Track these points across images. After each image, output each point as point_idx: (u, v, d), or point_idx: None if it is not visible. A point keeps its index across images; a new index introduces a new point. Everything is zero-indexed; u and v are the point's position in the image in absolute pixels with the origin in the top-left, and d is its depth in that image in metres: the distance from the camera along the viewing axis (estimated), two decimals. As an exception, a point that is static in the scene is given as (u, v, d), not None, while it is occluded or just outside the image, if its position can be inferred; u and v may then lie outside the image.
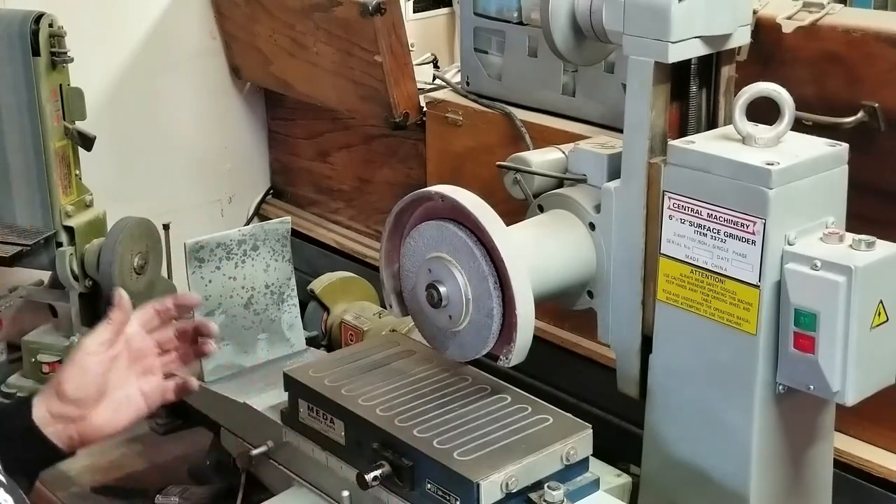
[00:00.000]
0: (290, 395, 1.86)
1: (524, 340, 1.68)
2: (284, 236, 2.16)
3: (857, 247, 1.55)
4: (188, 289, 2.08)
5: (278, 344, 2.17)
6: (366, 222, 2.95)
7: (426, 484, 1.61)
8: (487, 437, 1.64)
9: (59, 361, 2.57)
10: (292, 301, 2.18)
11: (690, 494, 1.75)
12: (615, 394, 1.87)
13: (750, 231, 1.58)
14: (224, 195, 3.17)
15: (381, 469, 1.64)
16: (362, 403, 1.74)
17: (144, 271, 2.64)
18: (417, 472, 1.62)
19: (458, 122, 2.41)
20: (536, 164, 1.90)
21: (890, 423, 1.89)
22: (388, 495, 1.67)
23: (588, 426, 1.68)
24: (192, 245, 2.07)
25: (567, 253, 1.83)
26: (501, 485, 1.56)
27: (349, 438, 1.74)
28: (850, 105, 1.81)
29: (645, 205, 1.74)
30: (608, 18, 1.73)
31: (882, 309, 1.56)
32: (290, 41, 2.81)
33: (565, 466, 1.63)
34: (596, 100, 2.17)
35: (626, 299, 1.81)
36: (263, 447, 1.93)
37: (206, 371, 2.08)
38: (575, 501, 1.61)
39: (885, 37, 1.78)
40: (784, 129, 1.63)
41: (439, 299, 1.72)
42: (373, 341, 2.11)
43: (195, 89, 3.04)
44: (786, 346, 1.59)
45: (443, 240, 1.72)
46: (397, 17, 2.53)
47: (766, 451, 1.67)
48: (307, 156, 3.10)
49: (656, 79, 1.69)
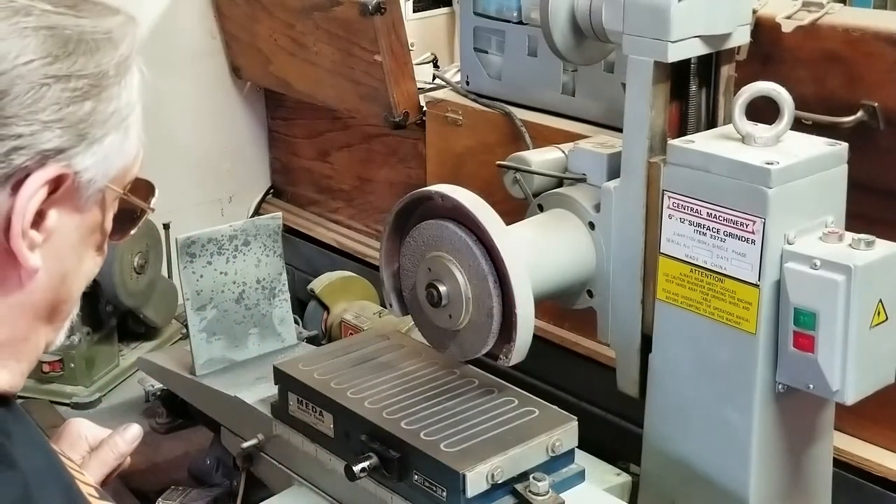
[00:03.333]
0: (280, 388, 1.87)
1: (524, 340, 1.68)
2: (276, 232, 2.17)
3: (857, 246, 1.55)
4: (179, 284, 2.08)
5: (269, 338, 2.18)
6: (366, 222, 2.95)
7: (413, 475, 1.62)
8: (474, 429, 1.66)
9: (59, 361, 2.58)
10: (283, 296, 2.19)
11: (690, 493, 1.75)
12: (615, 393, 1.87)
13: (749, 230, 1.58)
14: (224, 195, 3.18)
15: (368, 461, 1.65)
16: (351, 396, 1.76)
17: (144, 271, 2.64)
18: (405, 464, 1.63)
19: (458, 122, 2.41)
20: (536, 164, 1.90)
21: (889, 422, 1.89)
22: (376, 487, 1.69)
23: (573, 418, 1.69)
24: (183, 240, 2.07)
25: (567, 252, 1.83)
26: (487, 476, 1.57)
27: (338, 431, 1.76)
28: (850, 104, 1.81)
29: (645, 204, 1.74)
30: (608, 18, 1.73)
31: (881, 308, 1.56)
32: (290, 41, 2.81)
33: (551, 458, 1.65)
34: (596, 99, 2.17)
35: (626, 298, 1.81)
36: (254, 440, 1.94)
37: (197, 365, 2.09)
38: (560, 492, 1.62)
39: (884, 36, 1.78)
40: (784, 128, 1.63)
41: (439, 298, 1.72)
42: (362, 336, 2.12)
43: (195, 89, 3.04)
44: (785, 346, 1.59)
45: (443, 239, 1.72)
46: (397, 17, 2.53)
47: (765, 450, 1.67)
48: (307, 155, 3.10)
49: (656, 78, 1.69)
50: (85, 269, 1.12)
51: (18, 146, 0.99)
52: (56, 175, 1.01)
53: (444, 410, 1.72)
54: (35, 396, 2.56)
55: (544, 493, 1.59)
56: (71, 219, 1.06)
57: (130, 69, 1.07)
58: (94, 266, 1.14)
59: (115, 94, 1.05)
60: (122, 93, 1.06)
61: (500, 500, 1.61)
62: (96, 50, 1.03)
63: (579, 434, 1.69)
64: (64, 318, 1.14)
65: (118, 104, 1.05)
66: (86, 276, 1.13)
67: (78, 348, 2.57)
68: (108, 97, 1.04)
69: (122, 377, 2.70)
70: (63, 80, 1.00)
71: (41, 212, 1.02)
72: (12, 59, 0.98)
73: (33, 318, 1.09)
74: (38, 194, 1.00)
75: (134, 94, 1.08)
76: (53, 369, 2.59)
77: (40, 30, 1.00)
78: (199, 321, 2.10)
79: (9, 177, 0.99)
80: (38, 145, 1.00)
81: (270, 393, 1.92)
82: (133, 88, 1.08)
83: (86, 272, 1.13)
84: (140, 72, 1.09)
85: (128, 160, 1.09)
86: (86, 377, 2.61)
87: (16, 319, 1.07)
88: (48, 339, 1.13)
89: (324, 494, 1.83)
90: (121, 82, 1.06)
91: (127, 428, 1.43)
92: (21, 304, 1.06)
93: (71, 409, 2.56)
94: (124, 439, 1.42)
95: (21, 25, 0.99)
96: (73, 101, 1.01)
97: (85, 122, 1.02)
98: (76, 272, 1.11)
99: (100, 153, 1.04)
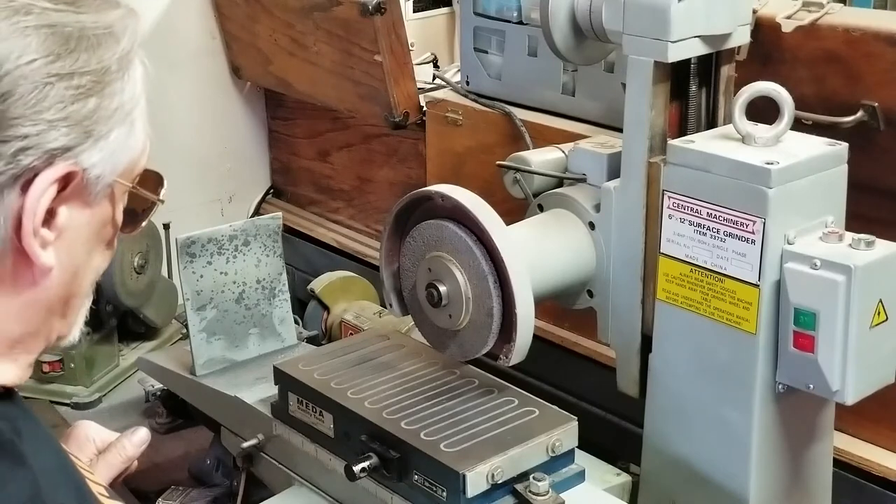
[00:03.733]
0: (280, 388, 1.87)
1: (524, 339, 1.68)
2: (276, 232, 2.17)
3: (857, 246, 1.55)
4: (179, 284, 2.08)
5: (269, 338, 2.18)
6: (366, 222, 2.95)
7: (413, 475, 1.62)
8: (474, 429, 1.66)
9: (59, 361, 2.58)
10: (283, 296, 2.19)
11: (690, 493, 1.75)
12: (615, 393, 1.87)
13: (749, 230, 1.58)
14: (224, 195, 3.18)
15: (368, 461, 1.65)
16: (351, 396, 1.76)
17: (144, 271, 2.64)
18: (405, 464, 1.63)
19: (457, 122, 2.41)
20: (536, 164, 1.90)
21: (889, 422, 1.89)
22: (376, 487, 1.69)
23: (573, 418, 1.69)
24: (183, 240, 2.07)
25: (567, 252, 1.83)
26: (487, 476, 1.57)
27: (338, 431, 1.76)
28: (850, 104, 1.81)
29: (645, 204, 1.74)
30: (608, 18, 1.73)
31: (882, 308, 1.56)
32: (290, 41, 2.81)
33: (551, 458, 1.65)
34: (596, 99, 2.17)
35: (626, 298, 1.81)
36: (254, 440, 1.94)
37: (197, 365, 2.09)
38: (560, 492, 1.62)
39: (884, 36, 1.78)
40: (783, 128, 1.63)
41: (439, 298, 1.72)
42: (362, 336, 2.12)
43: (195, 89, 3.04)
44: (785, 346, 1.59)
45: (443, 239, 1.72)
46: (397, 17, 2.53)
47: (765, 450, 1.67)
48: (307, 155, 3.10)
49: (656, 78, 1.69)
50: (95, 264, 1.14)
51: (25, 146, 0.99)
52: (64, 173, 1.02)
53: (444, 410, 1.72)
54: (35, 396, 2.55)
55: (544, 493, 1.59)
56: (81, 215, 1.07)
57: (133, 63, 1.08)
58: (103, 260, 1.15)
59: (118, 88, 1.05)
60: (125, 87, 1.06)
61: (500, 500, 1.61)
62: (98, 46, 1.03)
63: (579, 434, 1.69)
64: (76, 312, 1.15)
65: (122, 99, 1.06)
66: (96, 270, 1.14)
67: (78, 348, 2.57)
68: (111, 92, 1.04)
69: (122, 377, 2.70)
70: (66, 78, 1.01)
71: (51, 210, 1.03)
72: (14, 60, 0.98)
73: (47, 313, 1.10)
74: (48, 193, 1.01)
75: (138, 88, 1.08)
76: (53, 369, 2.59)
77: (41, 28, 1.00)
78: (199, 321, 2.10)
79: (17, 177, 1.00)
80: (45, 144, 1.00)
81: (270, 393, 1.92)
82: (136, 82, 1.08)
83: (96, 266, 1.14)
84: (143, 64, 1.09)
85: (135, 154, 1.10)
86: (86, 377, 2.61)
87: (31, 316, 1.08)
88: (60, 332, 1.15)
89: (324, 494, 1.83)
90: (124, 77, 1.06)
91: (135, 431, 1.44)
92: (35, 301, 1.07)
93: (71, 409, 2.56)
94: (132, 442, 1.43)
95: (22, 25, 0.99)
96: (77, 98, 1.01)
97: (90, 119, 1.03)
98: (87, 267, 1.12)
99: (106, 149, 1.05)
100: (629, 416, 2.06)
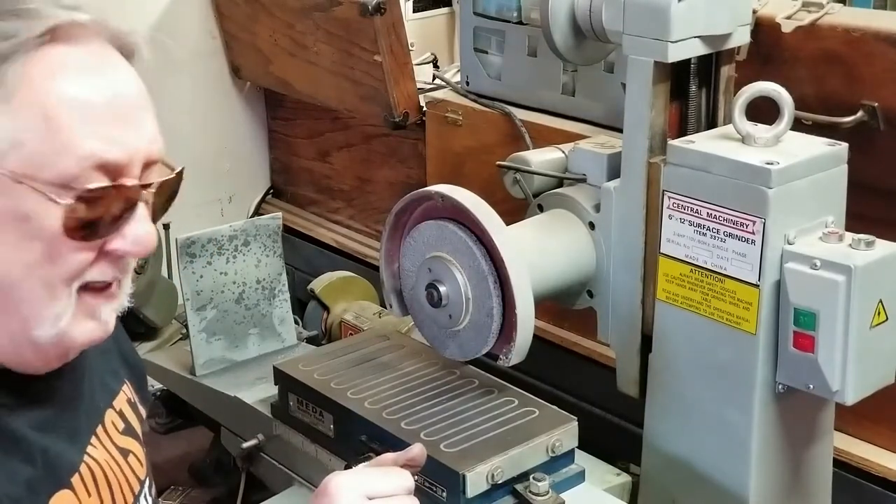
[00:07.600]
0: (280, 388, 1.87)
1: (524, 340, 1.69)
2: (276, 232, 2.18)
3: (857, 246, 1.55)
4: (179, 284, 2.08)
5: (269, 339, 2.18)
6: (366, 222, 2.95)
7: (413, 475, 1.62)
8: (474, 429, 1.66)
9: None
10: (283, 296, 2.19)
11: (690, 493, 1.75)
12: (615, 393, 1.87)
13: (749, 230, 1.58)
14: (224, 195, 3.18)
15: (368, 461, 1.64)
16: (351, 397, 1.76)
17: (144, 271, 2.64)
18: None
19: (457, 122, 2.41)
20: (536, 164, 1.90)
21: (889, 422, 1.89)
22: (376, 487, 1.69)
23: (573, 418, 1.69)
24: (183, 241, 2.08)
25: (567, 252, 1.83)
26: (487, 476, 1.57)
27: (338, 431, 1.76)
28: (850, 104, 1.81)
29: (645, 204, 1.74)
30: (608, 18, 1.74)
31: (882, 308, 1.56)
32: (290, 41, 2.81)
33: (551, 458, 1.65)
34: (596, 100, 2.17)
35: (626, 299, 1.81)
36: (254, 440, 1.94)
37: (197, 365, 2.09)
38: (560, 492, 1.62)
39: (884, 36, 1.78)
40: (783, 128, 1.63)
41: (439, 299, 1.72)
42: (362, 336, 2.12)
43: (195, 89, 3.04)
44: (785, 346, 1.59)
45: (443, 239, 1.72)
46: (397, 17, 2.53)
47: (765, 450, 1.67)
48: (307, 155, 3.10)
49: (656, 78, 1.69)
50: (16, 258, 1.04)
51: None
52: None
53: (444, 410, 1.72)
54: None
55: (544, 494, 1.59)
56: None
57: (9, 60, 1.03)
58: (30, 256, 1.05)
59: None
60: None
61: (500, 501, 1.61)
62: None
63: (579, 434, 1.69)
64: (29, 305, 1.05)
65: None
66: (26, 265, 1.04)
67: (78, 348, 2.56)
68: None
69: (122, 377, 2.70)
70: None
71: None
72: None
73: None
74: None
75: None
76: (53, 369, 2.59)
77: None
78: (199, 321, 2.10)
79: None
80: None
81: (270, 393, 1.92)
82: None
83: (21, 261, 1.04)
84: None
85: (33, 149, 1.04)
86: (86, 377, 2.61)
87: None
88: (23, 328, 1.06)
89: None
90: None
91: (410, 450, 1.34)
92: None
93: (71, 409, 2.56)
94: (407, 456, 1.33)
95: None
96: None
97: None
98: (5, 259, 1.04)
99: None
100: (629, 416, 2.06)
